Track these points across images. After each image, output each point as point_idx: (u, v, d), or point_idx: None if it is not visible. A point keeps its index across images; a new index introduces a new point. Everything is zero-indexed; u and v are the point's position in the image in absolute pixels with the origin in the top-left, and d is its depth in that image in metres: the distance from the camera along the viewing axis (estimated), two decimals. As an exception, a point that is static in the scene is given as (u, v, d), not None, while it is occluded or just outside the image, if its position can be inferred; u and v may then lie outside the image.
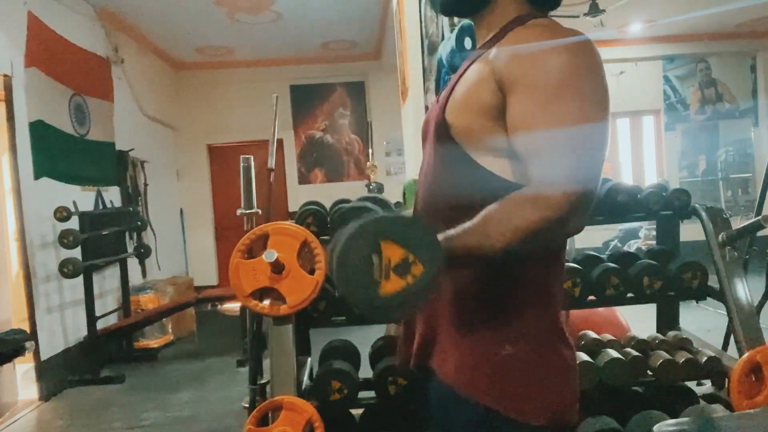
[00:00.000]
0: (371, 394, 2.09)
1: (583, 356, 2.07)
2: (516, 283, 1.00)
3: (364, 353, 2.35)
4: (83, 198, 4.45)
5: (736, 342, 1.98)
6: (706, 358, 2.07)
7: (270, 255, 1.73)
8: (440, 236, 0.90)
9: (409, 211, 0.86)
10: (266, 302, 1.84)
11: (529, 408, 0.96)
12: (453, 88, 1.06)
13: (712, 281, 2.15)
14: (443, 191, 1.06)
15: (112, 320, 4.64)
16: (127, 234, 5.03)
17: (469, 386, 0.98)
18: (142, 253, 5.09)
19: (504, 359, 0.98)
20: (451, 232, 0.91)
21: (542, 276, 1.02)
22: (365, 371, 2.21)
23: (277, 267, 1.78)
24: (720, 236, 2.10)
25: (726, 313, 2.04)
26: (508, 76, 0.95)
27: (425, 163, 1.14)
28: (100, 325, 4.24)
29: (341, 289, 0.85)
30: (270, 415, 1.79)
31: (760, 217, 1.97)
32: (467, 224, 0.91)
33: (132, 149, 5.41)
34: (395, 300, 0.83)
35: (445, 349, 1.04)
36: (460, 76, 1.07)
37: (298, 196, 7.40)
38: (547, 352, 1.00)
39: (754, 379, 1.84)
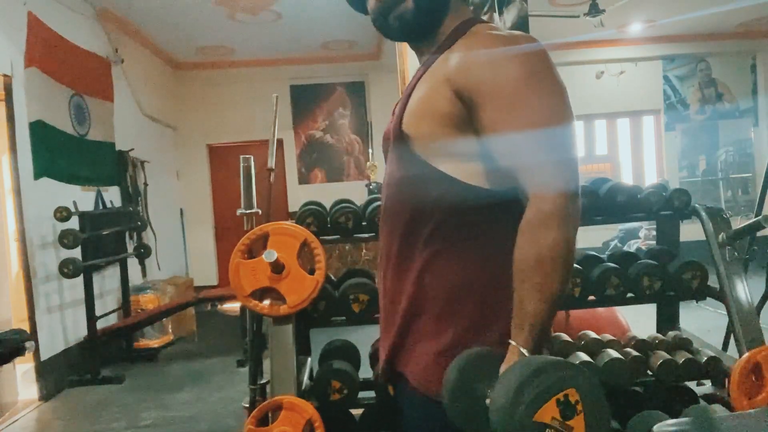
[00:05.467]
0: (371, 394, 2.09)
1: (583, 356, 2.07)
2: (481, 285, 1.02)
3: (364, 353, 2.35)
4: (83, 198, 4.45)
5: (736, 342, 1.97)
6: (706, 358, 2.07)
7: (270, 255, 1.73)
8: (515, 338, 0.92)
9: (505, 383, 0.86)
10: (266, 302, 1.85)
11: None
12: (407, 99, 1.07)
13: (712, 281, 2.15)
14: (408, 202, 1.07)
15: (112, 320, 4.63)
16: (127, 234, 5.03)
17: (436, 385, 1.00)
18: (142, 253, 5.09)
19: None
20: (515, 321, 0.93)
21: (507, 276, 1.03)
22: (365, 371, 2.21)
23: (277, 267, 1.78)
24: (720, 236, 2.10)
25: (726, 313, 2.04)
26: (467, 85, 0.97)
27: (387, 174, 1.15)
28: (100, 325, 4.24)
29: None
30: (270, 415, 1.79)
31: (760, 217, 1.97)
32: (516, 299, 0.92)
33: (132, 149, 5.41)
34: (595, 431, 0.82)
35: (414, 353, 1.06)
36: (414, 85, 1.08)
37: (298, 196, 7.39)
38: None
39: (754, 379, 1.84)
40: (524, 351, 0.90)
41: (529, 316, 0.91)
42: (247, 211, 2.24)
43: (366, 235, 2.16)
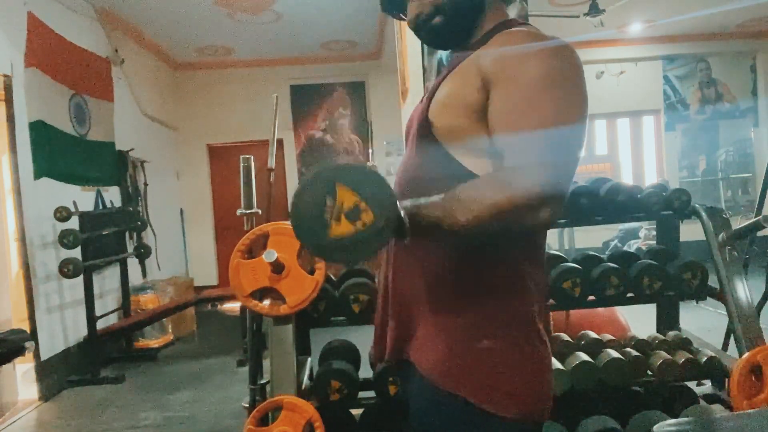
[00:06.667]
0: (371, 394, 2.09)
1: (583, 356, 2.07)
2: (493, 278, 1.02)
3: (364, 353, 2.35)
4: (83, 198, 4.45)
5: (736, 342, 1.98)
6: (706, 358, 2.07)
7: (270, 255, 1.73)
8: (408, 201, 0.94)
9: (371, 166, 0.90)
10: (266, 302, 1.85)
11: (504, 401, 0.99)
12: (436, 89, 1.09)
13: (712, 281, 2.15)
14: (423, 189, 1.07)
15: (112, 320, 4.64)
16: (127, 234, 5.03)
17: (446, 378, 1.00)
18: (142, 253, 5.09)
19: (481, 352, 1.00)
20: (422, 200, 0.95)
21: (519, 272, 1.03)
22: (365, 371, 2.21)
23: (277, 267, 1.78)
24: (720, 236, 2.10)
25: (726, 313, 2.05)
26: (492, 74, 0.98)
27: (405, 160, 1.16)
28: (100, 325, 4.24)
29: (294, 228, 0.90)
30: (270, 415, 1.79)
31: (760, 217, 1.97)
32: (440, 195, 0.94)
33: (132, 149, 5.41)
34: (342, 243, 0.87)
35: (424, 342, 1.06)
36: (444, 77, 1.10)
37: (298, 196, 7.38)
38: (523, 347, 1.02)
39: (754, 379, 1.84)
40: (401, 207, 0.91)
41: (424, 213, 0.92)
42: (247, 211, 2.23)
43: (366, 235, 2.16)
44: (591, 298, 2.17)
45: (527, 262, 1.04)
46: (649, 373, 2.11)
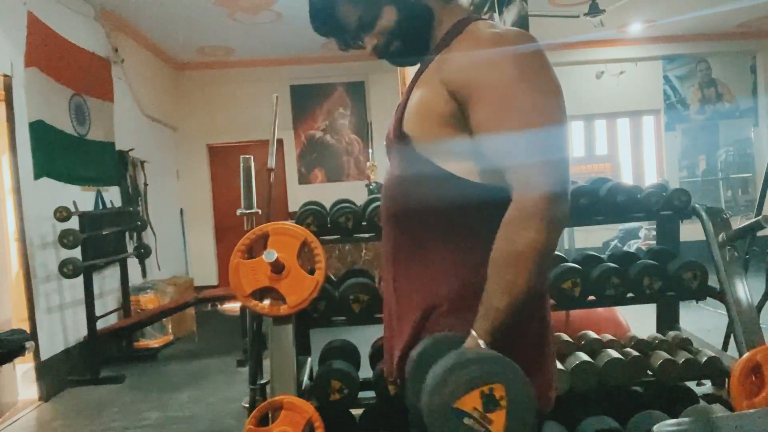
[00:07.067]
0: (371, 394, 2.10)
1: (583, 356, 2.07)
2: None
3: (364, 353, 2.35)
4: (83, 198, 4.45)
5: (736, 342, 1.98)
6: (706, 358, 2.07)
7: (270, 255, 1.73)
8: (476, 326, 0.94)
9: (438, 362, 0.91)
10: (266, 302, 1.85)
11: None
12: (407, 100, 1.09)
13: (712, 281, 2.15)
14: (410, 198, 1.08)
15: (112, 320, 4.64)
16: (127, 234, 5.03)
17: None
18: (142, 253, 5.09)
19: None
20: (480, 311, 0.94)
21: None
22: (365, 371, 2.21)
23: (277, 267, 1.78)
24: (720, 236, 2.10)
25: (726, 313, 2.05)
26: (460, 84, 0.98)
27: (389, 174, 1.16)
28: (100, 325, 4.24)
29: None
30: (270, 415, 1.79)
31: (760, 217, 1.97)
32: (486, 289, 0.94)
33: (132, 149, 5.41)
34: (514, 428, 0.85)
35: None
36: (414, 83, 1.10)
37: (298, 196, 7.39)
38: (525, 341, 1.03)
39: (754, 379, 1.84)
40: (481, 342, 0.92)
41: (494, 309, 0.92)
42: (247, 211, 2.24)
43: (366, 235, 2.16)
44: (591, 298, 2.17)
45: None
46: (649, 373, 2.11)
